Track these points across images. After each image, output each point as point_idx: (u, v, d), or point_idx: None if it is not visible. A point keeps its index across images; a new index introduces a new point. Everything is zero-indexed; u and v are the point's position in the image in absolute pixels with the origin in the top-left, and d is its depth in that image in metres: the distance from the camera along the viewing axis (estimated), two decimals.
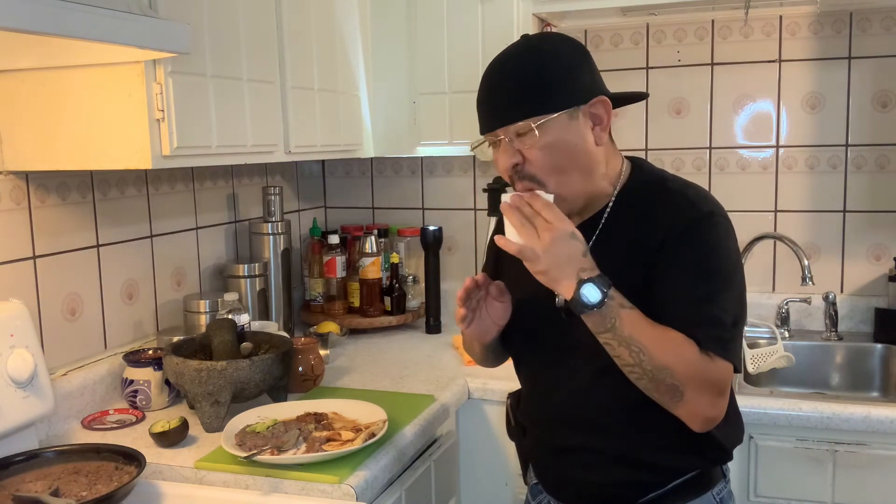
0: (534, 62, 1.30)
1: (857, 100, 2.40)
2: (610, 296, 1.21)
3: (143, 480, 1.40)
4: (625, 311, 1.22)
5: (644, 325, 1.22)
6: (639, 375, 1.23)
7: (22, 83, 1.57)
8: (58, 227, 1.76)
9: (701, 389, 1.23)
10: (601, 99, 1.31)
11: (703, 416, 1.25)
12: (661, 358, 1.21)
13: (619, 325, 1.21)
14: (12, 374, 1.47)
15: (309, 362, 1.90)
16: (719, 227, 1.31)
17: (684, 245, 1.28)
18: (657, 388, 1.23)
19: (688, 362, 1.21)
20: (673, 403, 1.24)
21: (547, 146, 1.27)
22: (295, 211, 2.71)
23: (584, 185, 1.33)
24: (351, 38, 2.25)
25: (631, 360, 1.22)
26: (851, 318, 2.45)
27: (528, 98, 1.28)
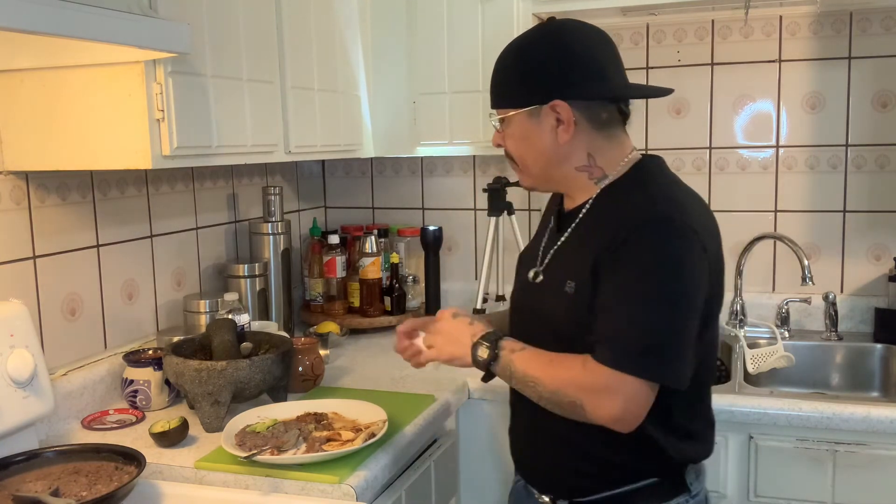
0: (509, 57, 1.42)
1: (857, 100, 2.40)
2: (500, 346, 1.35)
3: (143, 480, 1.40)
4: (515, 355, 1.34)
5: (533, 360, 1.33)
6: (547, 404, 1.32)
7: (22, 83, 1.57)
8: (58, 227, 1.76)
9: (596, 395, 1.26)
10: (557, 104, 1.35)
11: (611, 419, 1.26)
12: (550, 382, 1.30)
13: (514, 369, 1.34)
14: (12, 374, 1.47)
15: (309, 362, 1.90)
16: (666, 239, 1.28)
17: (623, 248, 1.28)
18: (563, 408, 1.30)
19: (577, 377, 1.27)
20: (583, 417, 1.28)
21: (512, 136, 1.42)
22: (295, 211, 2.71)
23: (548, 174, 1.43)
24: (351, 38, 2.25)
25: (534, 395, 1.33)
26: (851, 318, 2.45)
27: (497, 91, 1.43)
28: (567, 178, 1.42)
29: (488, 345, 1.35)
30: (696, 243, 1.29)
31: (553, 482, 1.47)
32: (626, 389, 1.24)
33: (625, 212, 1.32)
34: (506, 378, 1.36)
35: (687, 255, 1.28)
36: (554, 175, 1.42)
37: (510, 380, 1.36)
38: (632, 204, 1.34)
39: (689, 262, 1.28)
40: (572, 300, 1.34)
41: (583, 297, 1.31)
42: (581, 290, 1.32)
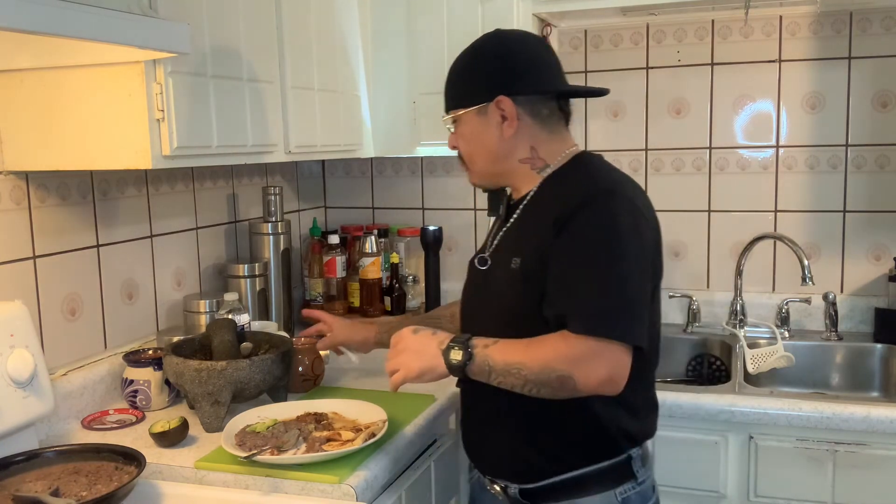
0: (457, 62, 1.54)
1: (857, 100, 2.40)
2: (472, 345, 1.37)
3: (143, 480, 1.40)
4: (490, 349, 1.36)
5: (510, 348, 1.35)
6: (534, 387, 1.34)
7: (22, 83, 1.57)
8: (58, 227, 1.76)
9: (583, 364, 1.30)
10: (501, 99, 1.46)
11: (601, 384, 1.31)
12: (535, 363, 1.32)
13: (493, 363, 1.35)
14: (12, 374, 1.47)
15: (309, 362, 1.90)
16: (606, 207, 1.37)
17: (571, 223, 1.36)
18: (552, 387, 1.33)
19: (559, 350, 1.31)
20: (574, 390, 1.32)
21: (462, 136, 1.52)
22: (295, 211, 2.71)
23: (495, 168, 1.52)
24: (351, 38, 2.25)
25: (519, 381, 1.34)
26: (851, 318, 2.45)
27: (448, 95, 1.54)
28: (513, 171, 1.51)
29: (459, 346, 1.37)
30: (638, 211, 1.39)
31: (503, 469, 1.52)
32: (610, 354, 1.30)
33: (568, 190, 1.43)
34: (483, 374, 1.37)
35: (632, 222, 1.37)
36: (501, 169, 1.52)
37: (489, 375, 1.36)
38: (575, 183, 1.45)
39: (635, 228, 1.37)
40: (517, 275, 1.42)
41: (528, 272, 1.40)
42: (526, 265, 1.41)
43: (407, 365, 1.42)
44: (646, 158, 2.60)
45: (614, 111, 2.60)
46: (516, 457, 1.49)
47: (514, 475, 1.51)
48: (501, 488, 1.53)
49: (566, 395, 1.34)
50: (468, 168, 1.56)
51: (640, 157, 2.60)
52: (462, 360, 1.37)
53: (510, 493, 1.51)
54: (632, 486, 1.47)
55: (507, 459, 1.51)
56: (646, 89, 2.57)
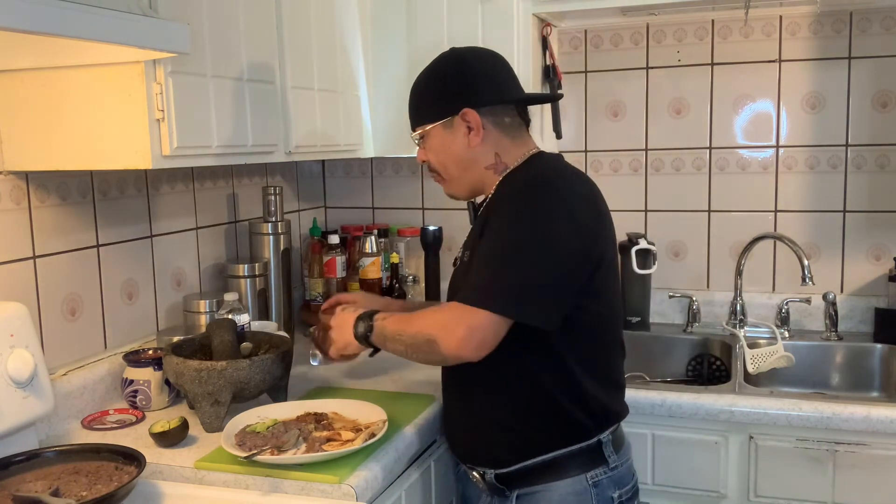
0: (419, 81, 1.65)
1: (857, 100, 2.40)
2: (374, 318, 1.56)
3: (143, 480, 1.40)
4: (386, 321, 1.54)
5: (405, 318, 1.51)
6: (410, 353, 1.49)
7: (22, 83, 1.57)
8: (58, 227, 1.76)
9: (445, 326, 1.43)
10: (466, 111, 1.56)
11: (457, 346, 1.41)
12: (413, 327, 1.48)
13: (387, 332, 1.53)
14: (12, 374, 1.47)
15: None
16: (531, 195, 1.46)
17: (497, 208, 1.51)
18: (423, 351, 1.46)
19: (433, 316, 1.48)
20: (435, 351, 1.44)
21: (432, 149, 1.63)
22: (295, 211, 2.71)
23: (467, 176, 1.62)
24: (351, 38, 2.25)
25: (401, 346, 1.50)
26: (851, 318, 2.45)
27: (414, 112, 1.66)
28: (481, 178, 1.61)
29: (364, 320, 1.56)
30: (575, 198, 1.48)
31: (478, 455, 1.61)
32: (472, 320, 1.40)
33: (511, 182, 1.55)
34: (381, 343, 1.55)
35: (557, 208, 1.45)
36: (470, 177, 1.61)
37: (385, 343, 1.53)
38: (518, 176, 1.56)
39: (560, 213, 1.44)
40: (466, 266, 1.55)
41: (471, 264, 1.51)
42: (472, 256, 1.52)
43: (335, 338, 1.62)
44: (646, 158, 2.60)
45: (614, 111, 2.60)
46: (490, 443, 1.58)
47: (489, 461, 1.59)
48: (479, 475, 1.61)
49: (435, 360, 1.49)
50: (442, 178, 1.66)
51: (640, 157, 2.60)
52: (364, 331, 1.55)
53: (487, 479, 1.59)
54: (603, 470, 1.54)
55: (482, 446, 1.60)
56: (646, 89, 2.57)
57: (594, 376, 1.54)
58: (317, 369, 2.15)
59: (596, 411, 1.54)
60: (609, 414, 1.57)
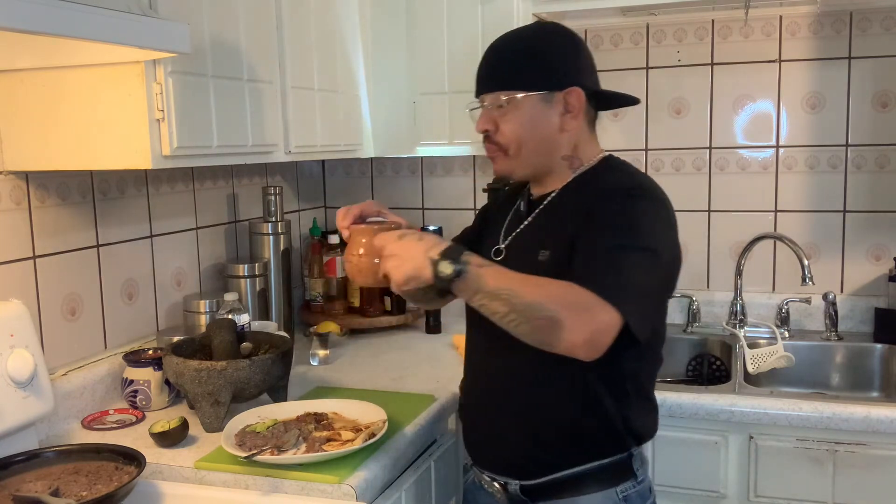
0: (521, 43, 1.46)
1: (857, 100, 2.40)
2: (464, 261, 1.28)
3: (143, 480, 1.40)
4: (485, 269, 1.28)
5: (508, 274, 1.29)
6: (516, 321, 1.26)
7: (22, 83, 1.57)
8: (58, 227, 1.76)
9: (579, 313, 1.23)
10: (575, 90, 1.43)
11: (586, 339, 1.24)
12: (530, 294, 1.25)
13: (483, 283, 1.27)
14: (12, 374, 1.47)
15: None
16: (648, 200, 1.38)
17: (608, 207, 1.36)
18: (535, 326, 1.25)
19: (558, 292, 1.25)
20: (555, 336, 1.24)
21: (515, 120, 1.43)
22: (295, 211, 2.71)
23: (539, 161, 1.47)
24: (351, 38, 2.25)
25: (504, 308, 1.26)
26: (851, 318, 2.45)
27: (507, 74, 1.44)
28: (551, 167, 1.48)
29: (451, 261, 1.28)
30: (671, 213, 1.40)
31: (504, 464, 1.50)
32: (604, 315, 1.24)
33: (603, 185, 1.43)
34: (468, 292, 1.29)
35: (663, 222, 1.38)
36: (542, 163, 1.48)
37: (474, 294, 1.29)
38: (609, 179, 1.44)
39: (666, 227, 1.38)
40: (545, 267, 1.37)
41: (557, 263, 1.35)
42: (556, 258, 1.38)
43: (393, 269, 1.32)
44: (646, 158, 2.60)
45: (614, 111, 2.60)
46: (519, 452, 1.47)
47: (515, 471, 1.48)
48: (501, 485, 1.51)
49: (542, 341, 1.26)
50: (504, 154, 1.47)
51: (640, 157, 2.60)
52: (451, 274, 1.27)
53: (510, 490, 1.49)
54: (632, 484, 1.46)
55: (510, 454, 1.49)
56: (646, 89, 2.57)
57: (640, 390, 1.47)
58: (317, 369, 2.15)
59: (637, 425, 1.46)
60: (648, 428, 1.50)
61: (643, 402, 1.48)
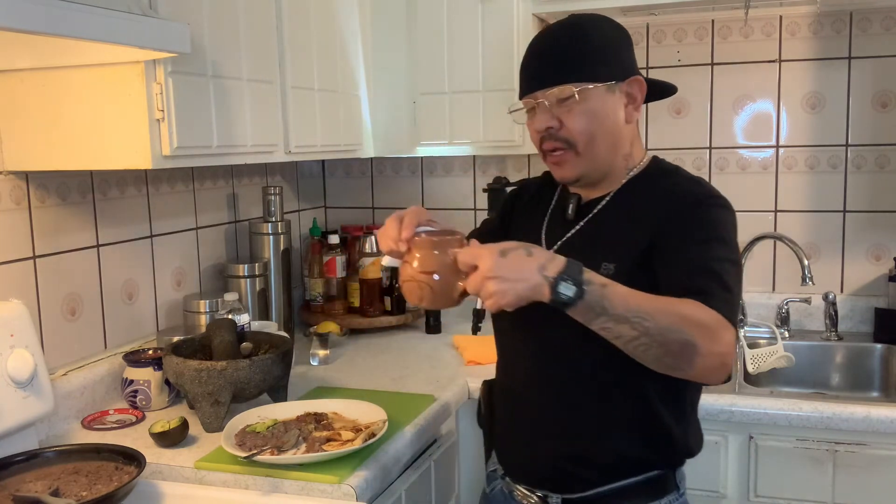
0: (581, 34, 1.37)
1: (857, 100, 2.40)
2: (587, 280, 1.16)
3: (143, 480, 1.40)
4: (608, 290, 1.18)
5: (635, 294, 1.19)
6: (646, 345, 1.18)
7: (22, 83, 1.57)
8: (58, 227, 1.76)
9: (710, 334, 1.18)
10: (637, 79, 1.38)
11: (721, 362, 1.19)
12: (665, 318, 1.17)
13: (609, 306, 1.17)
14: (12, 374, 1.47)
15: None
16: (726, 210, 1.34)
17: (691, 217, 1.31)
18: (669, 350, 1.18)
19: (687, 312, 1.18)
20: (688, 361, 1.18)
21: (585, 113, 1.34)
22: (295, 211, 2.71)
23: (607, 158, 1.39)
24: (351, 38, 2.25)
25: (635, 332, 1.17)
26: (851, 318, 2.45)
27: (573, 65, 1.35)
28: (612, 165, 1.40)
29: (571, 281, 1.16)
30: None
31: (548, 477, 1.42)
32: (728, 335, 1.19)
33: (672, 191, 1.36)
34: (589, 315, 1.17)
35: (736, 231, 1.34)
36: (608, 159, 1.39)
37: (596, 318, 1.17)
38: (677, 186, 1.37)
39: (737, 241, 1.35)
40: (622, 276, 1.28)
41: (627, 277, 1.24)
42: (622, 272, 1.29)
43: (500, 293, 1.16)
44: None
45: None
46: (565, 467, 1.39)
47: (557, 485, 1.41)
48: (540, 498, 1.43)
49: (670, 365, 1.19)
50: (577, 152, 1.36)
51: None
52: (573, 297, 1.15)
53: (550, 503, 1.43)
54: (675, 496, 1.42)
55: (553, 469, 1.41)
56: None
57: (694, 403, 1.43)
58: (317, 369, 2.15)
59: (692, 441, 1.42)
60: (698, 442, 1.45)
61: (695, 415, 1.44)
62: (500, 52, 2.28)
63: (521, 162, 2.66)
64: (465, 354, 2.20)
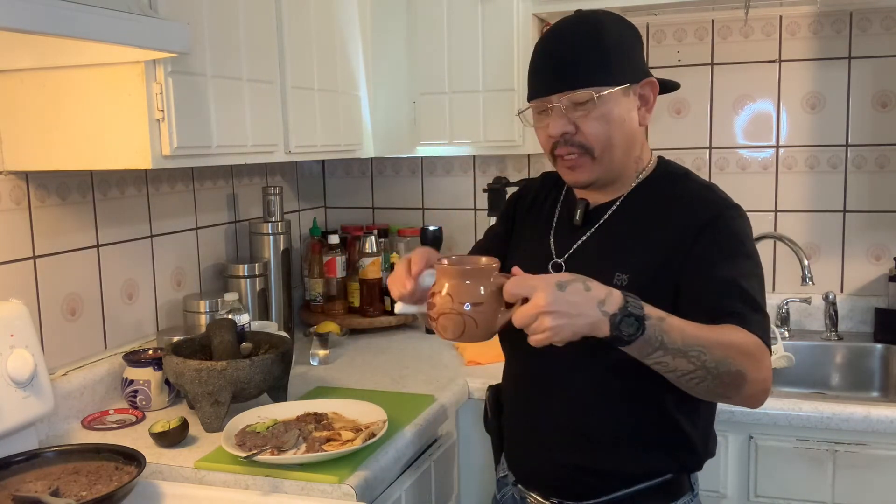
0: (596, 34, 1.32)
1: (857, 100, 2.40)
2: (647, 316, 1.12)
3: (143, 480, 1.40)
4: (666, 324, 1.14)
5: (689, 327, 1.16)
6: (701, 378, 1.16)
7: (22, 83, 1.57)
8: (58, 227, 1.76)
9: (757, 365, 1.19)
10: (651, 81, 1.36)
11: (763, 388, 1.21)
12: (719, 350, 1.16)
13: (667, 340, 1.14)
14: (12, 374, 1.47)
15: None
16: (744, 220, 1.34)
17: (713, 232, 1.28)
18: (721, 382, 1.17)
19: (735, 341, 1.18)
20: (737, 390, 1.19)
21: (602, 117, 1.30)
22: (295, 211, 2.71)
23: (621, 162, 1.36)
24: (351, 38, 2.25)
25: (691, 367, 1.15)
26: (851, 318, 2.45)
27: (590, 68, 1.30)
28: (625, 168, 1.38)
29: (634, 318, 1.11)
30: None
31: (562, 485, 1.40)
32: (767, 360, 1.21)
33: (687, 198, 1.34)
34: (644, 350, 1.14)
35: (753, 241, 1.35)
36: (623, 163, 1.36)
37: (651, 353, 1.14)
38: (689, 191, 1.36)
39: None
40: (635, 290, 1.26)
41: (641, 288, 1.21)
42: (637, 283, 1.26)
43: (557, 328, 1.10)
44: None
45: None
46: (582, 475, 1.37)
47: (572, 493, 1.39)
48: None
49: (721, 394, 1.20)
50: (593, 157, 1.33)
51: None
52: (634, 333, 1.11)
53: None
54: (689, 497, 1.41)
55: (568, 477, 1.39)
56: None
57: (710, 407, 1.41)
58: (317, 369, 2.15)
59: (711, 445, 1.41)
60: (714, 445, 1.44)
61: (712, 418, 1.42)
62: (500, 52, 2.28)
63: (521, 162, 2.66)
64: (465, 354, 2.20)
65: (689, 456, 1.38)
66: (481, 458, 2.04)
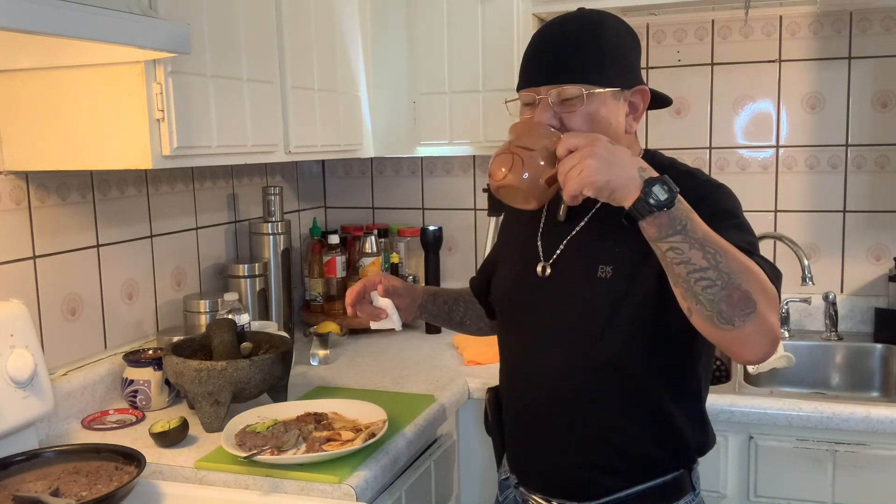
0: (595, 33, 1.31)
1: (857, 100, 2.40)
2: (679, 195, 1.13)
3: (143, 480, 1.40)
4: (694, 214, 1.14)
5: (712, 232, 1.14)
6: (711, 282, 1.12)
7: (22, 83, 1.57)
8: (58, 227, 1.76)
9: (768, 302, 1.13)
10: (642, 89, 1.34)
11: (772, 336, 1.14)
12: (737, 263, 1.12)
13: (690, 227, 1.13)
14: (12, 374, 1.47)
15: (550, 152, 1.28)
16: (731, 196, 1.34)
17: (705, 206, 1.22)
18: (729, 296, 1.11)
19: (759, 272, 1.14)
20: (743, 317, 1.12)
21: (588, 116, 1.29)
22: (295, 211, 2.71)
23: None
24: (351, 38, 2.25)
25: (705, 263, 1.12)
26: (851, 318, 2.45)
27: (585, 65, 1.29)
28: None
29: (667, 185, 1.12)
30: None
31: (564, 486, 1.40)
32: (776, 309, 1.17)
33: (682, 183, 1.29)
34: (667, 229, 1.13)
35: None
36: None
37: (673, 234, 1.13)
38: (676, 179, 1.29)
39: None
40: (606, 286, 1.29)
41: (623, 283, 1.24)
42: (621, 274, 1.28)
43: (594, 170, 1.13)
44: None
45: None
46: (581, 475, 1.38)
47: (574, 494, 1.39)
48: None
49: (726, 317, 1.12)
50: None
51: None
52: (664, 202, 1.11)
53: None
54: (692, 497, 1.42)
55: (568, 478, 1.39)
56: None
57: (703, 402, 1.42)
58: (317, 369, 2.15)
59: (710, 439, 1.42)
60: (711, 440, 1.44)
61: (705, 413, 1.43)
62: (500, 53, 2.28)
63: None
64: (465, 354, 2.20)
65: (685, 451, 1.39)
66: (481, 459, 2.04)
